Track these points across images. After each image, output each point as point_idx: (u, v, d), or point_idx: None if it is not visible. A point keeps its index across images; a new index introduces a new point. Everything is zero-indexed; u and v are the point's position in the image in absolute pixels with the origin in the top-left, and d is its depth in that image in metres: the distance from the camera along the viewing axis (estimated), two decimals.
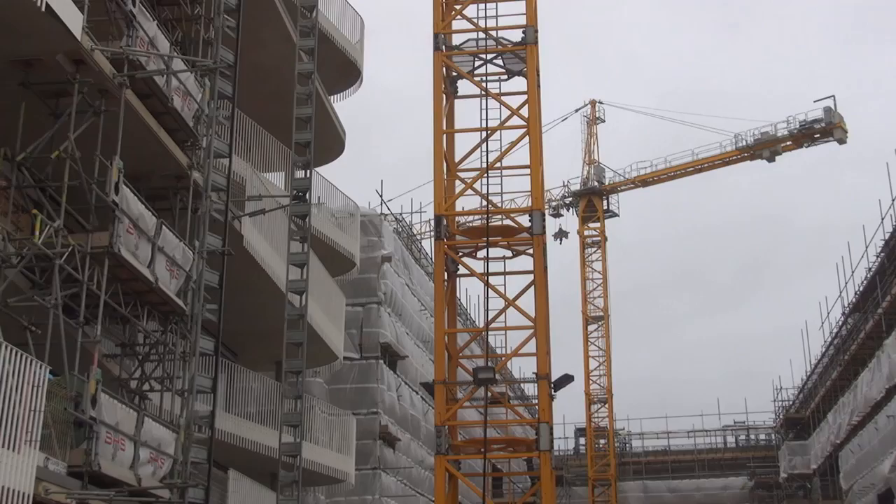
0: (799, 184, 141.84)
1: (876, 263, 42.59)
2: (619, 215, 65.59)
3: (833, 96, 60.78)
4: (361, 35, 28.52)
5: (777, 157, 61.34)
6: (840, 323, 51.42)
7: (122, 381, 16.75)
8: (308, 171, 21.90)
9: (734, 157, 62.56)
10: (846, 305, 49.50)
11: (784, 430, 65.50)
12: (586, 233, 64.98)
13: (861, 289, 45.66)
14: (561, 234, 64.65)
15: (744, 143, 61.61)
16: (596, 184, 64.72)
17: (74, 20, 13.86)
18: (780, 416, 66.73)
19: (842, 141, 59.83)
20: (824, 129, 59.80)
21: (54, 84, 14.51)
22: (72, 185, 14.37)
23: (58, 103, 14.64)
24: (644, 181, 64.14)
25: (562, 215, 65.50)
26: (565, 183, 65.48)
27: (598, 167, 65.14)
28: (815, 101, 60.42)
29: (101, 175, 14.52)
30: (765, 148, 61.01)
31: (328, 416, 27.45)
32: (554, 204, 65.00)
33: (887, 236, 40.51)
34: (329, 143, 27.77)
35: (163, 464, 15.66)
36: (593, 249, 64.83)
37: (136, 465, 14.74)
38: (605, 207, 64.68)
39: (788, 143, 60.99)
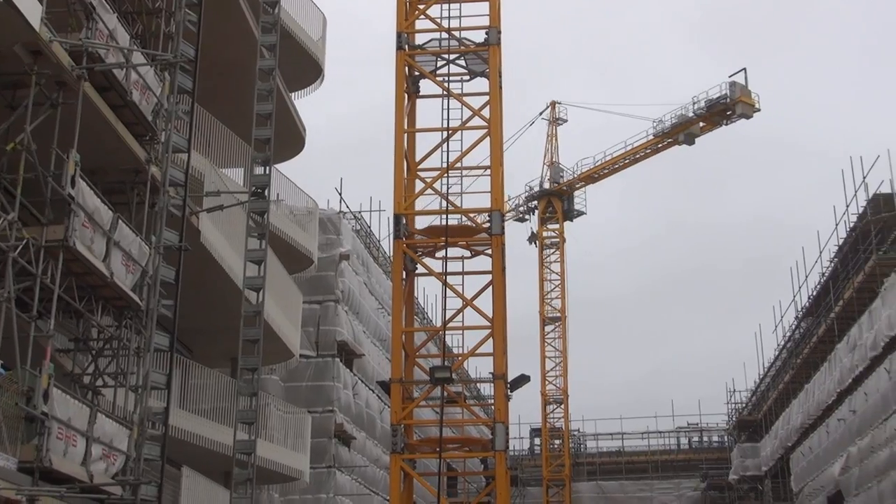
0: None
1: (829, 269, 43.17)
2: (585, 213, 65.51)
3: (744, 69, 57.99)
4: (323, 32, 28.42)
5: (696, 140, 59.13)
6: (793, 327, 52.08)
7: (76, 376, 16.59)
8: (267, 168, 21.82)
9: (662, 145, 60.77)
10: (799, 310, 50.15)
11: (737, 433, 66.18)
12: (545, 234, 65.11)
13: (814, 293, 46.27)
14: (534, 238, 64.79)
15: (662, 127, 59.88)
16: (548, 185, 64.69)
17: (33, 11, 13.70)
18: (733, 419, 67.42)
19: (746, 116, 57.41)
20: (728, 106, 57.42)
21: (11, 75, 14.34)
22: (27, 178, 14.20)
23: (14, 95, 14.47)
24: (588, 177, 63.90)
25: (527, 219, 65.57)
26: (528, 186, 65.70)
27: (555, 168, 65.11)
28: (729, 77, 58.19)
29: (57, 168, 14.37)
30: (680, 132, 58.98)
31: (283, 413, 27.33)
32: (521, 209, 65.05)
33: (841, 242, 41.08)
34: (289, 140, 27.65)
35: (115, 460, 15.53)
36: (552, 251, 65.02)
37: (88, 461, 14.60)
38: (568, 207, 64.61)
39: (702, 124, 58.82)
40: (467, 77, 23.72)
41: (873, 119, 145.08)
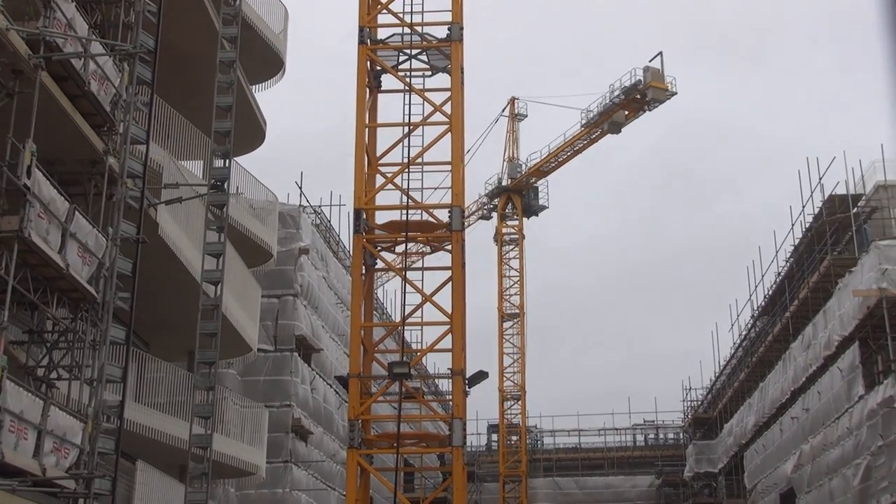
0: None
1: (785, 268, 43.62)
2: (548, 207, 65.45)
3: (660, 53, 56.62)
4: (285, 25, 28.31)
5: (623, 129, 57.74)
6: (749, 326, 52.57)
7: (29, 368, 16.41)
8: (227, 161, 21.71)
9: (594, 135, 59.63)
10: (755, 308, 50.63)
11: (692, 430, 66.73)
12: (504, 230, 65.18)
13: (770, 293, 46.73)
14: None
15: (590, 117, 58.64)
16: (506, 181, 64.65)
17: None
18: (689, 416, 67.97)
19: (659, 101, 55.71)
20: (642, 91, 55.96)
21: None
22: None
23: None
24: (538, 171, 63.64)
25: (492, 217, 65.46)
26: (486, 183, 65.72)
27: (513, 164, 65.04)
28: (649, 61, 56.46)
29: (13, 158, 14.19)
30: (605, 121, 57.63)
31: (240, 408, 27.22)
32: (487, 207, 64.96)
33: (796, 242, 41.52)
34: (249, 133, 27.52)
35: (68, 454, 15.38)
36: (511, 247, 65.14)
37: (41, 454, 14.45)
38: (527, 203, 64.59)
39: (625, 112, 57.37)
40: (429, 73, 23.71)
41: (830, 120, 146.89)
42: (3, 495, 13.52)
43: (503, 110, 66.28)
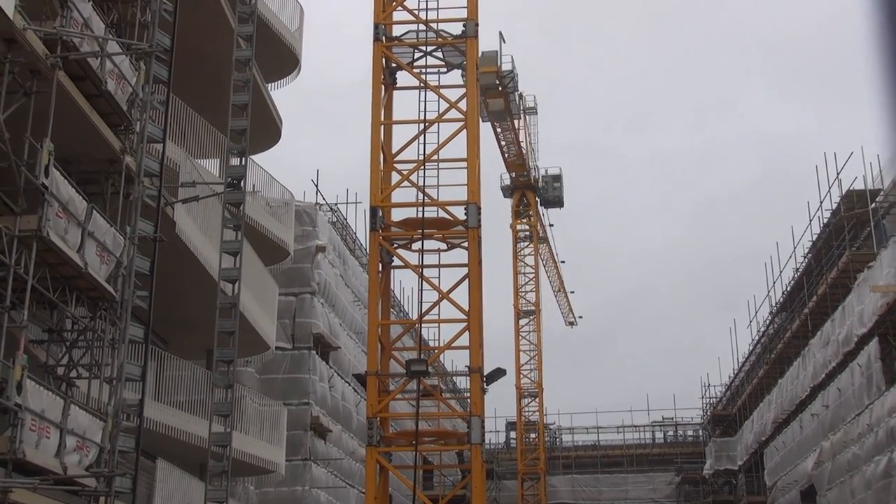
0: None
1: (803, 264, 43.42)
2: (562, 206, 65.21)
3: (500, 31, 54.03)
4: (301, 23, 28.33)
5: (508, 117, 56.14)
6: (767, 322, 52.36)
7: (49, 367, 16.47)
8: (243, 159, 21.74)
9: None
10: (773, 305, 50.41)
11: (711, 427, 66.50)
12: (518, 227, 64.99)
13: (788, 289, 46.53)
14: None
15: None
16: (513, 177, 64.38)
17: None
18: (708, 413, 67.74)
19: (490, 86, 52.60)
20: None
21: None
22: (0, 167, 14.07)
23: None
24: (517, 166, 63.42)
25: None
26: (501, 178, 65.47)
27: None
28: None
29: (30, 157, 14.24)
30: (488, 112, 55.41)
31: (259, 406, 27.27)
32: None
33: (815, 238, 41.32)
34: (265, 131, 27.56)
35: (89, 452, 15.44)
36: (526, 244, 64.98)
37: (62, 453, 14.51)
38: (544, 197, 64.29)
39: (498, 99, 54.64)
40: (444, 69, 23.68)
41: (847, 118, 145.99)
42: (24, 493, 13.57)
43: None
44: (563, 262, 68.62)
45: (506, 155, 61.91)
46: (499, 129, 59.88)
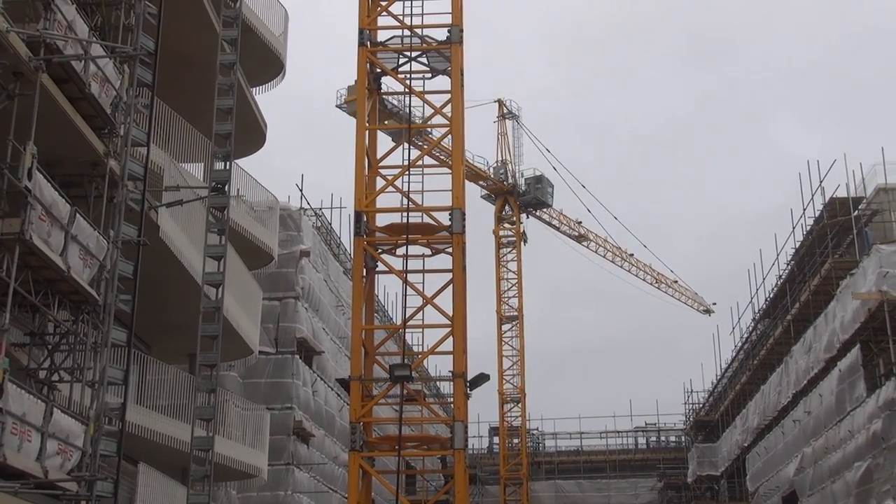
0: None
1: (786, 271, 43.61)
2: (551, 205, 65.35)
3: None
4: (285, 27, 28.32)
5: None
6: (750, 328, 52.55)
7: (31, 370, 16.40)
8: (227, 163, 21.71)
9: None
10: (756, 311, 50.62)
11: (694, 433, 66.69)
12: (501, 233, 65.06)
13: (771, 295, 46.71)
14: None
15: None
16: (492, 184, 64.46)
17: None
18: (691, 419, 67.93)
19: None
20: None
21: None
22: None
23: None
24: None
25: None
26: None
27: (497, 167, 64.80)
28: None
29: (13, 160, 14.19)
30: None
31: (242, 410, 27.20)
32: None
33: (797, 245, 41.50)
34: (250, 135, 27.54)
35: (71, 456, 15.37)
36: (508, 249, 65.07)
37: (44, 456, 14.44)
38: (525, 200, 64.37)
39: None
40: (429, 75, 23.69)
41: (831, 125, 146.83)
42: (5, 497, 13.51)
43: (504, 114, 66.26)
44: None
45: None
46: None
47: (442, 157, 49.65)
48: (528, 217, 65.42)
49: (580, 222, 67.44)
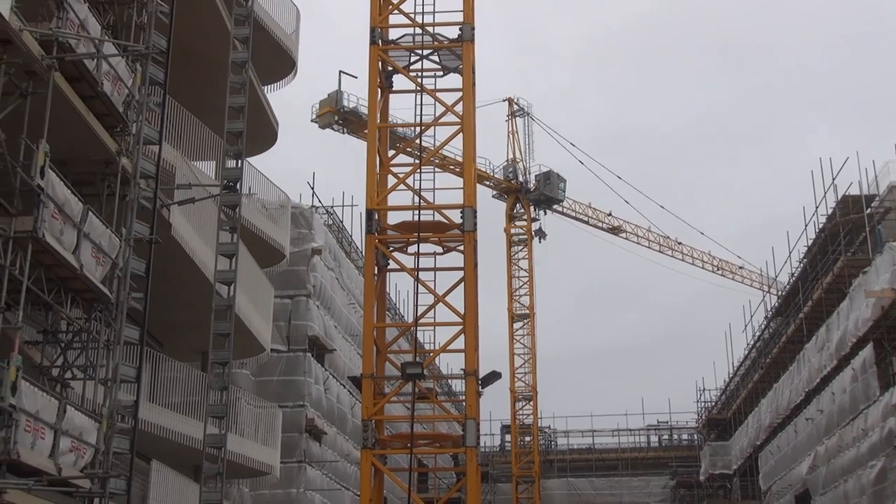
0: None
1: (798, 269, 43.47)
2: (562, 200, 65.15)
3: (339, 71, 55.48)
4: (297, 26, 28.35)
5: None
6: (763, 327, 52.41)
7: (44, 368, 16.47)
8: (239, 161, 21.75)
9: None
10: (769, 310, 50.46)
11: (706, 431, 66.53)
12: (512, 231, 64.95)
13: (784, 294, 46.57)
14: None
15: None
16: (503, 183, 64.44)
17: (2, 0, 13.56)
18: (703, 417, 67.79)
19: (328, 125, 54.85)
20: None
21: None
22: None
23: None
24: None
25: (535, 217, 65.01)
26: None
27: (507, 165, 64.72)
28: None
29: (26, 158, 14.23)
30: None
31: (254, 408, 27.25)
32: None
33: (810, 243, 41.36)
34: (262, 133, 27.58)
35: (84, 453, 15.43)
36: (520, 248, 64.96)
37: (57, 454, 14.50)
38: (536, 197, 64.28)
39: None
40: (441, 73, 23.70)
41: (843, 122, 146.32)
42: (18, 494, 13.56)
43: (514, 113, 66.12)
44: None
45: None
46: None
47: (450, 157, 50.55)
48: (544, 213, 65.08)
49: (610, 213, 67.13)
